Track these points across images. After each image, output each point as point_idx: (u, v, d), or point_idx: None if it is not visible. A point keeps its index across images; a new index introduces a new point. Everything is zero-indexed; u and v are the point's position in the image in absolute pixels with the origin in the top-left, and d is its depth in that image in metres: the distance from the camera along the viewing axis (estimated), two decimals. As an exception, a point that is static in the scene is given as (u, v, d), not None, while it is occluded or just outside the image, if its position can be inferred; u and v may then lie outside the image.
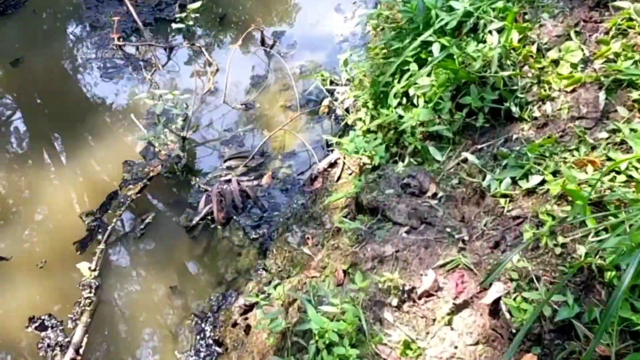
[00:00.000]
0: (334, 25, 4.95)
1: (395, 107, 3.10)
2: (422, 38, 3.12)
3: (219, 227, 3.40)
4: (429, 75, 3.03)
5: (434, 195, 2.67)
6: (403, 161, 2.96)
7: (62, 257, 3.27)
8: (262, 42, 4.73)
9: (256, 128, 4.06)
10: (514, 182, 2.43)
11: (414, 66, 3.11)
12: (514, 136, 2.68)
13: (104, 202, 3.51)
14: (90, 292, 3.06)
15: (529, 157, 2.44)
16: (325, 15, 5.05)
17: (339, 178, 3.54)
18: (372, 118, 3.35)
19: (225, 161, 3.79)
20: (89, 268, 3.13)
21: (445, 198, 2.63)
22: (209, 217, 3.44)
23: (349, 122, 3.61)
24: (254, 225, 3.38)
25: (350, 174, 3.48)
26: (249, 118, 4.15)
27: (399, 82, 3.15)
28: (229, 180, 3.59)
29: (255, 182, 3.62)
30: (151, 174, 3.67)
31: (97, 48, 4.79)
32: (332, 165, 3.63)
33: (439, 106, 2.96)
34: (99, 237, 3.33)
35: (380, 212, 2.64)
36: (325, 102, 4.05)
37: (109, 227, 3.36)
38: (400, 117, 3.04)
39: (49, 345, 2.96)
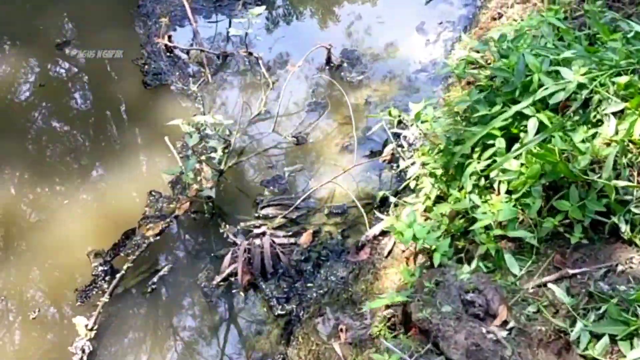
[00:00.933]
0: (413, 48, 4.45)
1: (469, 192, 2.62)
2: (516, 108, 2.62)
3: (241, 292, 3.03)
4: (517, 157, 2.53)
5: (504, 324, 2.21)
6: (470, 263, 2.49)
7: (59, 306, 2.99)
8: (328, 62, 4.29)
9: (304, 169, 3.64)
10: (613, 340, 1.93)
11: (500, 142, 2.62)
12: (619, 267, 2.17)
13: (118, 241, 3.20)
14: (81, 359, 2.75)
15: (637, 310, 1.93)
16: (405, 35, 4.55)
17: (389, 253, 3.10)
18: (440, 192, 2.87)
19: (261, 208, 3.40)
20: (86, 326, 2.82)
21: (517, 331, 2.16)
22: (233, 278, 3.07)
23: (411, 186, 3.14)
24: (281, 298, 2.98)
25: (404, 251, 3.03)
26: (298, 155, 3.74)
27: (479, 158, 2.67)
28: (263, 234, 3.20)
29: (292, 240, 3.22)
30: (176, 212, 3.33)
31: (144, 46, 4.48)
32: (384, 233, 3.18)
33: (525, 200, 2.47)
34: (105, 285, 3.02)
35: (432, 338, 2.19)
36: (389, 148, 3.58)
37: (118, 275, 3.04)
38: (475, 206, 2.56)
39: None
